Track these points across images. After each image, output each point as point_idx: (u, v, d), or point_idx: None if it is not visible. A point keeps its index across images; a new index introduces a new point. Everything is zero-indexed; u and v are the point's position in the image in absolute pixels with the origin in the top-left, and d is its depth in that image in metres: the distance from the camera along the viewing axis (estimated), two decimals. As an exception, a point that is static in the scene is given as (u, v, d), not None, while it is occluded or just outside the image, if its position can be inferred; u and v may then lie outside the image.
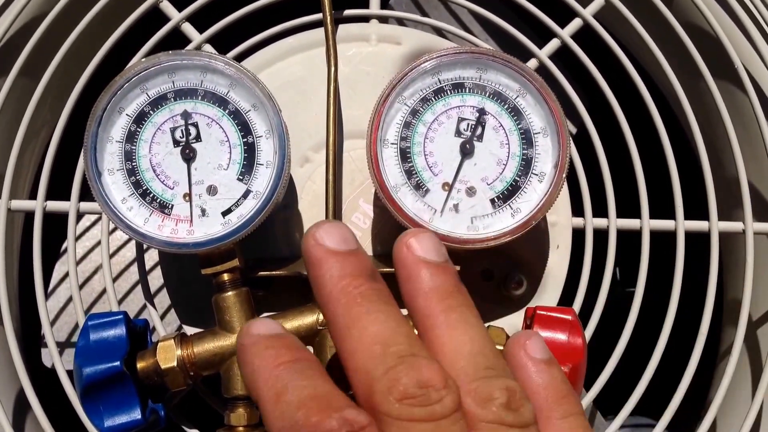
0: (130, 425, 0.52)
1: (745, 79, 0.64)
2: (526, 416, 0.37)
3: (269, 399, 0.36)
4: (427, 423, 0.34)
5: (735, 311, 0.63)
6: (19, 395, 0.65)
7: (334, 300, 0.38)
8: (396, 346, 0.36)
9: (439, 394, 0.35)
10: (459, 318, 0.39)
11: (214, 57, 0.53)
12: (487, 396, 0.36)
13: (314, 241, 0.40)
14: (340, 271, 0.39)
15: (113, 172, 0.53)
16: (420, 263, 0.40)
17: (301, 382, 0.36)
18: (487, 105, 0.54)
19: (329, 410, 0.34)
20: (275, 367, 0.37)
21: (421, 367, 0.35)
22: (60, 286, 0.85)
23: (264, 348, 0.38)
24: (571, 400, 0.40)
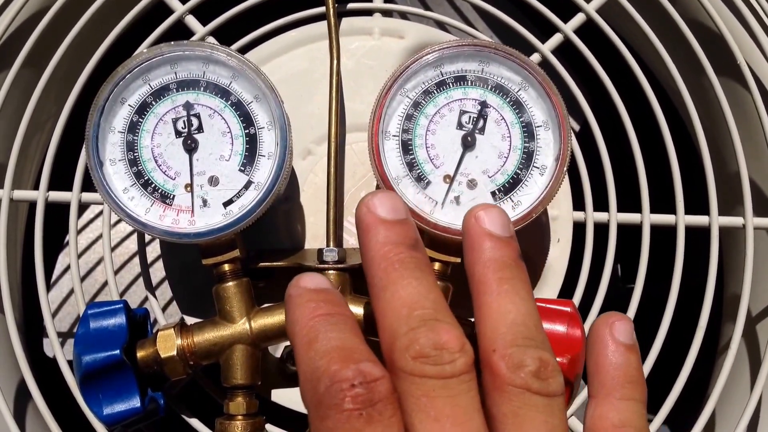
0: (129, 413, 0.52)
1: (748, 75, 0.64)
2: (554, 387, 0.38)
3: (302, 345, 0.38)
4: (436, 380, 0.37)
5: (734, 306, 0.63)
6: (20, 385, 0.65)
7: (375, 264, 0.41)
8: (421, 310, 0.39)
9: (453, 356, 0.37)
10: (510, 289, 0.41)
11: (216, 48, 0.53)
12: (519, 362, 0.38)
13: (366, 209, 0.42)
14: (384, 238, 0.41)
15: (115, 162, 0.53)
16: (484, 234, 0.43)
17: (331, 334, 0.38)
18: (489, 98, 0.54)
19: (349, 361, 0.36)
20: (311, 318, 0.39)
21: (440, 331, 0.38)
22: (63, 277, 0.85)
23: (306, 300, 0.40)
24: (637, 388, 0.42)
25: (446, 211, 0.53)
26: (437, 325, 0.38)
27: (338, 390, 0.36)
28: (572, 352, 0.52)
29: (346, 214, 0.61)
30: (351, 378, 0.36)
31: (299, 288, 0.41)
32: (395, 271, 0.40)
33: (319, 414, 0.36)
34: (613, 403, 0.41)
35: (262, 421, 0.55)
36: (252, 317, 0.54)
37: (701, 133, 0.62)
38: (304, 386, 0.38)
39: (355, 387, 0.35)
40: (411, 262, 0.41)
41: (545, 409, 0.38)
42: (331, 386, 0.36)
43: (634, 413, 0.41)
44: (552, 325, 0.53)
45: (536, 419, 0.38)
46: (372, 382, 0.36)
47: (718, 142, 0.67)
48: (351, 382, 0.36)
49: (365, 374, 0.36)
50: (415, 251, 0.42)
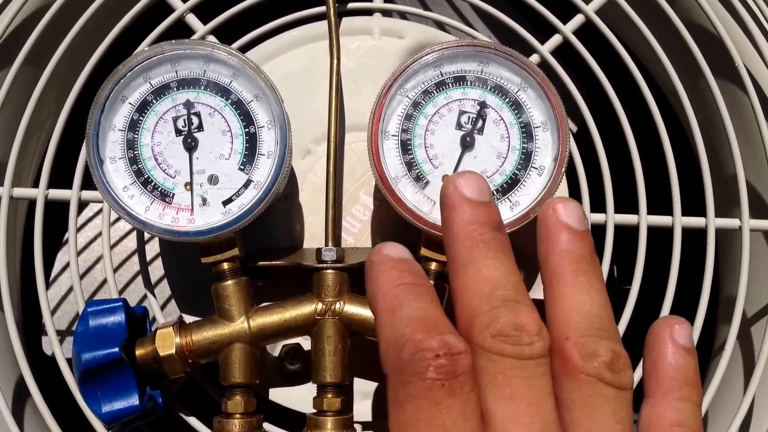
0: (127, 411, 0.52)
1: (746, 77, 0.64)
2: (624, 380, 0.39)
3: (385, 311, 0.39)
4: (514, 360, 0.37)
5: (730, 308, 0.63)
6: (18, 383, 0.65)
7: (459, 241, 0.41)
8: (503, 290, 0.39)
9: (531, 338, 0.38)
10: (585, 281, 0.42)
11: (217, 47, 0.53)
12: (592, 351, 0.39)
13: (453, 188, 0.43)
14: (470, 217, 0.42)
15: (115, 160, 0.53)
16: (561, 226, 0.43)
17: (416, 303, 0.39)
18: (488, 98, 0.54)
19: (433, 332, 0.37)
20: (395, 286, 0.40)
21: (520, 313, 0.38)
22: (61, 276, 0.85)
23: (390, 268, 0.41)
24: (695, 390, 0.42)
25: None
26: (518, 307, 0.38)
27: (422, 358, 0.36)
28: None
29: (344, 214, 0.61)
30: (436, 348, 0.36)
31: (382, 255, 0.42)
32: (479, 250, 0.41)
33: (401, 380, 0.36)
34: (671, 403, 0.41)
35: (260, 419, 0.55)
36: (251, 316, 0.54)
37: (699, 134, 0.63)
38: (386, 352, 0.38)
39: (439, 357, 0.36)
40: (495, 242, 0.41)
41: (615, 400, 0.38)
42: (416, 354, 0.36)
43: (691, 414, 0.41)
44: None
45: (605, 409, 0.38)
46: (456, 355, 0.36)
47: (716, 144, 0.67)
48: (436, 352, 0.36)
49: (450, 346, 0.36)
50: (500, 233, 0.42)
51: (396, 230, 0.61)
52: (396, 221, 0.56)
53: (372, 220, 0.61)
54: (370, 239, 0.61)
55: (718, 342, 0.72)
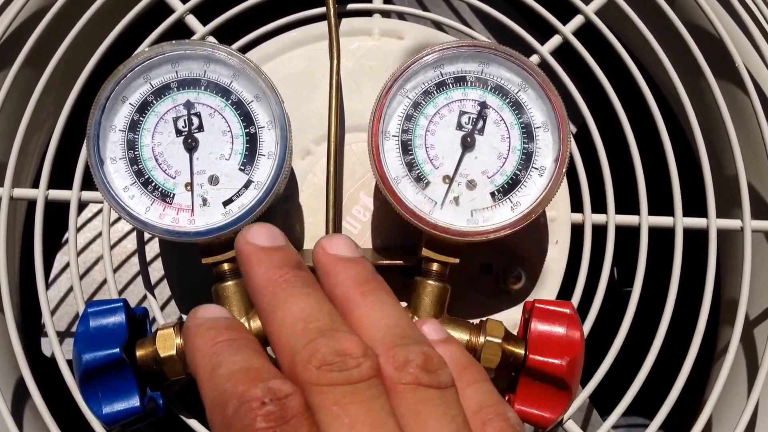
0: (128, 413, 0.52)
1: (746, 78, 0.64)
2: (444, 378, 0.39)
3: (205, 373, 0.38)
4: (345, 386, 0.36)
5: (732, 310, 0.63)
6: (18, 383, 0.65)
7: (261, 289, 0.41)
8: (316, 322, 0.38)
9: (357, 361, 0.37)
10: (375, 299, 0.42)
11: (217, 47, 0.53)
12: (404, 360, 0.38)
13: (245, 240, 0.43)
14: (267, 263, 0.42)
15: (115, 160, 0.53)
16: (335, 259, 0.43)
17: (235, 357, 0.38)
18: (488, 99, 0.54)
19: (256, 380, 0.36)
20: (213, 344, 0.39)
21: (340, 339, 0.37)
22: (60, 276, 0.85)
23: (206, 329, 0.40)
24: (473, 370, 0.43)
25: (445, 211, 0.53)
26: (336, 334, 0.38)
27: (248, 410, 0.35)
28: (571, 354, 0.52)
29: (345, 214, 0.61)
30: (260, 396, 0.35)
31: (197, 319, 0.42)
32: (283, 291, 0.40)
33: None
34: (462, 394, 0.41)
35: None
36: (251, 317, 0.54)
37: (699, 135, 0.63)
38: (211, 413, 0.37)
39: (265, 405, 0.35)
40: (297, 280, 0.41)
41: (441, 400, 0.38)
42: (240, 407, 0.35)
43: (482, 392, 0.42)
44: (551, 327, 0.53)
45: (435, 412, 0.38)
46: (283, 398, 0.35)
47: (717, 145, 0.67)
48: (261, 400, 0.35)
49: (275, 391, 0.35)
50: (300, 270, 0.42)
51: (396, 231, 0.61)
52: (396, 222, 0.56)
53: (372, 221, 0.61)
54: (371, 240, 0.61)
55: (720, 344, 0.72)
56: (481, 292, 0.61)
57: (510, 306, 0.61)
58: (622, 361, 0.60)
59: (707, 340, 0.65)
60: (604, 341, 0.60)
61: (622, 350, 0.60)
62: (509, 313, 0.61)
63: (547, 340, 0.52)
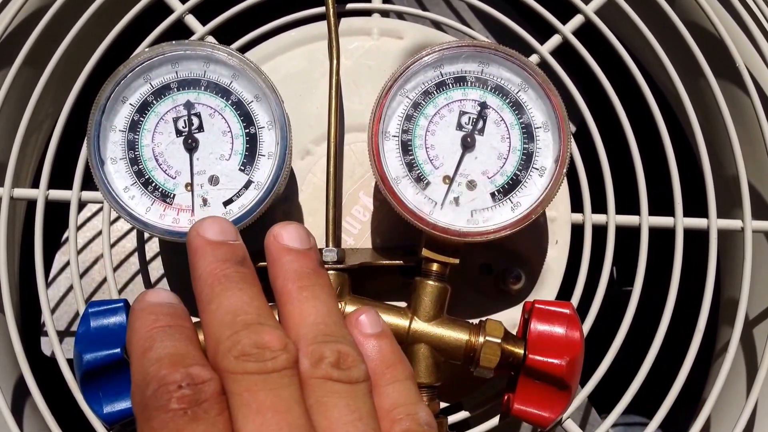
0: (128, 412, 0.52)
1: (746, 78, 0.64)
2: (355, 375, 0.41)
3: (136, 356, 0.40)
4: (258, 375, 0.38)
5: (732, 310, 0.63)
6: (18, 382, 0.65)
7: (202, 281, 0.43)
8: (244, 315, 0.41)
9: (274, 353, 0.39)
10: (309, 295, 0.44)
11: (217, 47, 0.53)
12: (319, 356, 0.41)
13: (195, 233, 0.45)
14: (211, 257, 0.43)
15: (116, 161, 0.53)
16: (283, 250, 0.45)
17: (166, 343, 0.40)
18: (488, 99, 0.54)
19: (178, 365, 0.38)
20: (150, 329, 0.41)
21: (262, 333, 0.40)
22: (60, 276, 0.85)
23: (147, 313, 0.42)
24: (398, 368, 0.45)
25: (445, 211, 0.53)
26: (260, 328, 0.40)
27: (165, 392, 0.37)
28: (571, 354, 0.52)
29: (344, 215, 0.61)
30: (179, 380, 0.37)
31: (143, 302, 0.43)
32: (220, 285, 0.42)
33: (145, 416, 0.37)
34: (381, 391, 0.43)
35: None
36: None
37: (700, 135, 0.62)
38: (133, 393, 0.39)
39: (182, 388, 0.37)
40: (236, 275, 0.43)
41: (347, 393, 0.40)
42: (158, 389, 0.37)
43: (400, 392, 0.43)
44: (551, 327, 0.53)
45: (339, 403, 0.40)
46: (200, 384, 0.37)
47: (717, 146, 0.67)
48: (178, 384, 0.37)
49: (193, 376, 0.37)
50: (242, 267, 0.44)
51: (396, 231, 0.61)
52: (396, 222, 0.56)
53: (372, 221, 0.61)
54: (371, 240, 0.61)
55: (719, 344, 0.72)
56: (481, 293, 0.61)
57: (510, 306, 0.61)
58: (622, 361, 0.60)
59: (707, 340, 0.65)
60: (604, 341, 0.60)
61: (622, 350, 0.60)
62: (509, 313, 0.61)
63: (546, 340, 0.52)
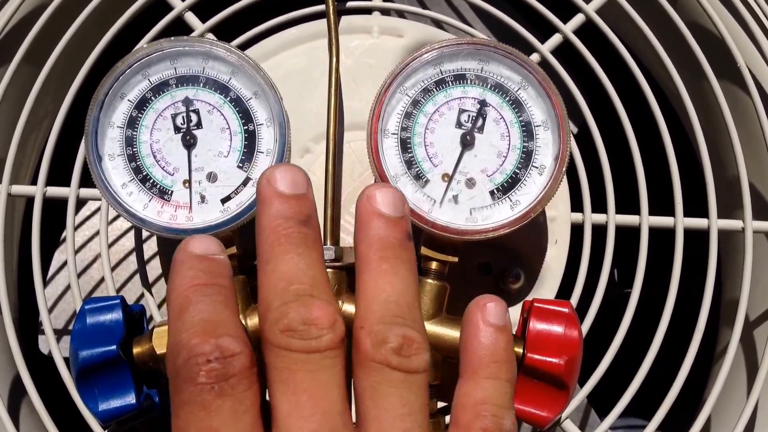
0: (124, 410, 0.51)
1: (748, 78, 0.64)
2: (415, 364, 0.40)
3: (174, 314, 0.40)
4: (301, 354, 0.38)
5: (732, 312, 0.62)
6: (15, 380, 0.65)
7: (264, 236, 0.42)
8: (298, 285, 0.40)
9: (320, 332, 0.38)
10: (389, 269, 0.42)
11: (216, 44, 0.53)
12: (382, 339, 0.39)
13: (266, 181, 0.43)
14: (276, 212, 0.42)
15: (114, 157, 0.53)
16: (374, 214, 0.43)
17: (202, 306, 0.39)
18: (488, 97, 0.54)
19: (209, 335, 0.38)
20: (187, 287, 0.40)
21: (312, 307, 0.39)
22: (58, 275, 0.85)
23: (187, 267, 0.42)
24: (504, 368, 0.43)
25: (444, 209, 0.53)
26: (311, 301, 0.39)
27: (194, 364, 0.37)
28: (570, 353, 0.52)
29: (343, 213, 0.61)
30: (208, 353, 0.37)
31: (185, 252, 0.43)
32: (280, 246, 0.41)
33: (176, 386, 0.38)
34: (477, 382, 0.42)
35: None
36: (248, 315, 0.54)
37: (701, 135, 0.62)
38: (167, 357, 0.39)
39: (210, 362, 0.37)
40: (297, 236, 0.41)
41: (402, 384, 0.39)
42: (188, 360, 0.37)
43: (496, 391, 0.42)
44: (549, 326, 0.52)
45: (392, 394, 0.39)
46: (228, 357, 0.37)
47: (718, 146, 0.67)
48: (207, 357, 0.37)
49: (223, 349, 0.37)
50: (306, 227, 0.42)
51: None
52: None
53: (371, 220, 0.61)
54: (369, 238, 0.61)
55: (720, 346, 0.72)
56: (480, 292, 0.61)
57: (509, 306, 0.61)
58: (622, 362, 0.60)
59: (708, 341, 0.64)
60: (604, 341, 0.60)
61: (623, 351, 0.60)
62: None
63: (545, 339, 0.52)
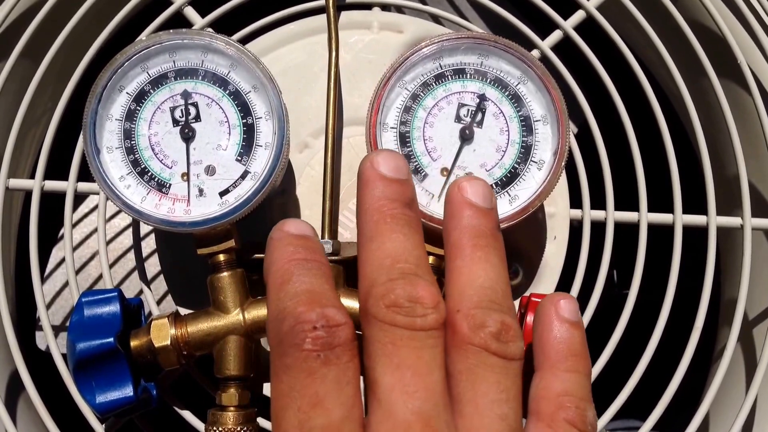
0: (121, 402, 0.51)
1: (748, 76, 0.64)
2: (512, 351, 0.40)
3: (275, 285, 0.40)
4: (405, 330, 0.38)
5: (731, 310, 0.62)
6: (12, 376, 0.64)
7: (368, 215, 0.42)
8: (403, 263, 0.40)
9: (425, 311, 0.39)
10: (483, 256, 0.42)
11: (215, 37, 0.53)
12: (481, 323, 0.39)
13: (370, 164, 0.43)
14: (381, 193, 0.43)
15: (112, 149, 0.53)
16: (465, 203, 0.44)
17: (304, 278, 0.40)
18: (487, 91, 0.54)
19: (315, 304, 0.38)
20: (289, 261, 0.41)
21: (417, 285, 0.39)
22: (56, 271, 0.85)
23: (286, 244, 0.42)
24: (582, 361, 0.42)
25: (443, 204, 0.53)
26: (416, 280, 0.39)
27: (300, 330, 0.37)
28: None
29: (341, 209, 0.61)
30: (314, 320, 0.37)
31: (282, 232, 0.43)
32: (386, 224, 0.42)
33: (280, 351, 0.38)
34: (557, 375, 0.41)
35: (254, 412, 0.55)
36: (246, 308, 0.54)
37: (700, 133, 0.62)
38: (270, 325, 0.40)
39: (317, 329, 0.37)
40: (403, 218, 0.42)
41: (501, 369, 0.39)
42: (295, 326, 0.37)
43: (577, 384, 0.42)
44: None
45: (490, 378, 0.39)
46: (334, 327, 0.37)
47: (717, 143, 0.66)
48: (314, 324, 0.37)
49: (329, 318, 0.38)
50: (410, 210, 0.43)
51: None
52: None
53: (370, 215, 0.61)
54: (368, 234, 0.60)
55: (719, 345, 0.72)
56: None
57: (507, 302, 0.61)
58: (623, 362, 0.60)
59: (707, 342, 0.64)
60: (602, 338, 0.60)
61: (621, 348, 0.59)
62: (507, 308, 0.61)
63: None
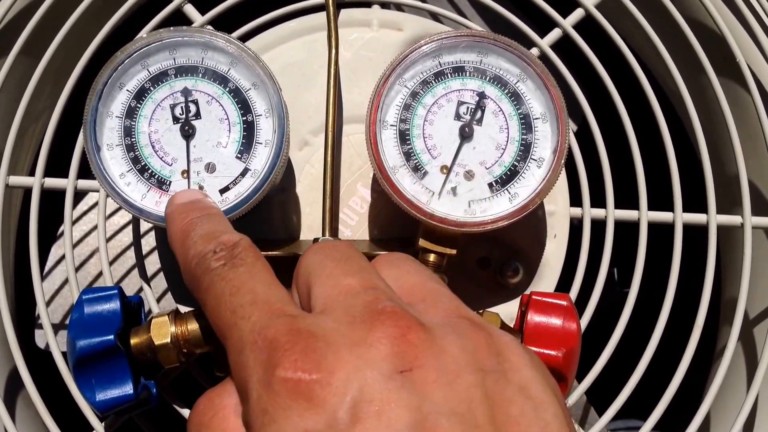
0: (121, 400, 0.51)
1: (747, 74, 0.64)
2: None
3: (177, 247, 0.45)
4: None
5: (732, 310, 0.62)
6: (12, 374, 0.64)
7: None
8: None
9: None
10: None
11: (215, 34, 0.53)
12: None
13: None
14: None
15: (112, 147, 0.53)
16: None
17: (203, 226, 0.45)
18: (487, 89, 0.54)
19: (211, 239, 0.43)
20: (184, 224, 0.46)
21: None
22: (55, 269, 0.85)
23: (179, 213, 0.47)
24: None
25: (443, 201, 0.53)
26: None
27: (204, 260, 0.41)
28: (568, 345, 0.51)
29: (342, 206, 0.61)
30: (213, 248, 0.42)
31: (173, 206, 0.49)
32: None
33: (195, 285, 0.42)
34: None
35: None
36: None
37: (700, 131, 0.62)
38: (183, 272, 0.44)
39: (216, 252, 0.41)
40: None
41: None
42: (200, 260, 0.42)
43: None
44: (547, 319, 0.52)
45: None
46: (231, 246, 0.42)
47: (717, 142, 0.67)
48: (213, 250, 0.42)
49: (224, 242, 0.42)
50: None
51: (393, 223, 0.60)
52: (393, 214, 0.56)
53: (369, 213, 0.61)
54: (368, 231, 0.61)
55: (720, 344, 0.72)
56: (479, 286, 0.61)
57: (507, 300, 0.61)
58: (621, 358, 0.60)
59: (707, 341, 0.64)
60: (603, 337, 0.60)
61: (621, 347, 0.60)
62: (506, 306, 0.61)
63: (543, 332, 0.52)
